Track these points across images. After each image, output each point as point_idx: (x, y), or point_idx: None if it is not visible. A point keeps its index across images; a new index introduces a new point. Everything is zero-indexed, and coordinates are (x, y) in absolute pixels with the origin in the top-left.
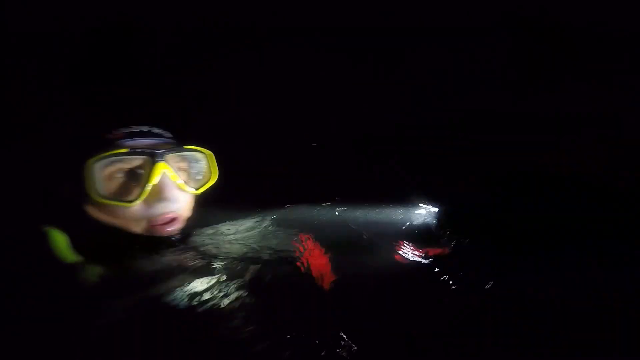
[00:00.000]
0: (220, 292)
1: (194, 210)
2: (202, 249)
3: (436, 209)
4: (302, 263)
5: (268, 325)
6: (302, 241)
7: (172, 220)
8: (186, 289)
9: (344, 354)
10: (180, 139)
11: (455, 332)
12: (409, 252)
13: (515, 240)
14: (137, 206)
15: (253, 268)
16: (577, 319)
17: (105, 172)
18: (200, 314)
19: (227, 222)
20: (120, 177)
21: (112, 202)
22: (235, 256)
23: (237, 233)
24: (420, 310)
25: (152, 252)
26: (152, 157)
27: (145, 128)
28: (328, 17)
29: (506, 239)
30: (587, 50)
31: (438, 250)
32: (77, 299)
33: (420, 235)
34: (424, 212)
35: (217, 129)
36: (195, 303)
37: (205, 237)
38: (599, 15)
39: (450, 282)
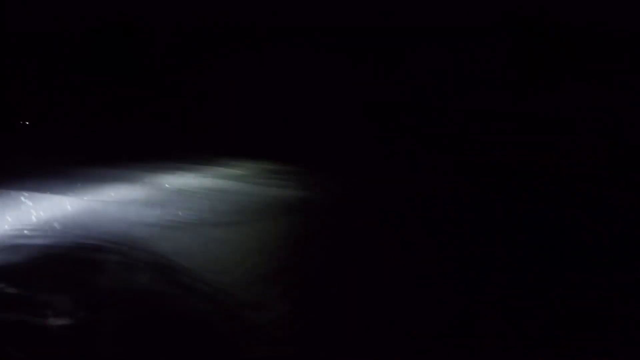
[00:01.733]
0: None
1: None
2: None
3: None
4: None
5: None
6: None
7: None
8: None
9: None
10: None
11: (455, 332)
12: None
13: (514, 240)
14: None
15: None
16: (577, 319)
17: None
18: None
19: None
20: None
21: None
22: None
23: None
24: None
25: None
26: None
27: None
28: (328, 17)
29: (505, 238)
30: (587, 50)
31: None
32: None
33: None
34: None
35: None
36: None
37: None
38: (599, 15)
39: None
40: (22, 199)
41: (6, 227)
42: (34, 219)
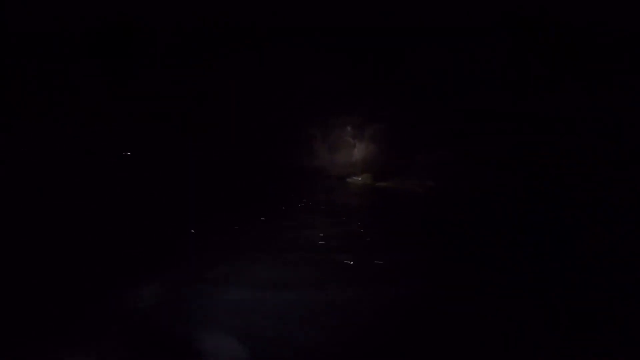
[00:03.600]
0: None
1: None
2: None
3: None
4: None
5: None
6: None
7: None
8: None
9: None
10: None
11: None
12: None
13: (514, 240)
14: None
15: None
16: (577, 319)
17: None
18: None
19: None
20: None
21: None
22: None
23: None
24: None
25: None
26: None
27: None
28: (328, 17)
29: (505, 238)
30: (587, 50)
31: None
32: None
33: None
34: None
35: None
36: None
37: None
38: (599, 15)
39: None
40: None
41: None
42: None
